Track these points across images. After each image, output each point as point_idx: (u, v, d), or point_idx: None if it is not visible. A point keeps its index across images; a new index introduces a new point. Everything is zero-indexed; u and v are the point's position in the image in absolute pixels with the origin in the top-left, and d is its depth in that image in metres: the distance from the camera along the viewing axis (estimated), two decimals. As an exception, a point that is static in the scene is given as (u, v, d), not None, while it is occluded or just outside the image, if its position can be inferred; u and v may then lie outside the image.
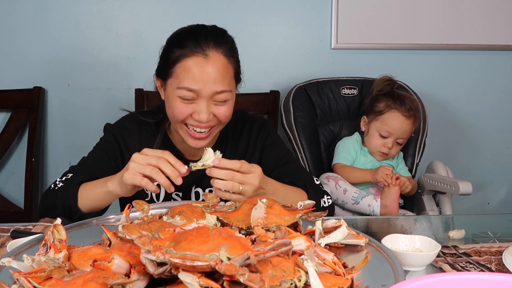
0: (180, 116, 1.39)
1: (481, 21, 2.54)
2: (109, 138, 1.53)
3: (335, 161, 2.12)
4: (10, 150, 2.41)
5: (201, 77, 1.35)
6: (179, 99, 1.38)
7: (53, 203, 1.34)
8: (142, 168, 1.16)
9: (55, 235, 0.86)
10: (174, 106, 1.39)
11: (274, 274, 0.75)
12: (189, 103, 1.38)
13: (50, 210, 1.35)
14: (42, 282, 0.76)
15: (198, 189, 1.54)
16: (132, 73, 2.44)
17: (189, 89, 1.35)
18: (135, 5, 2.40)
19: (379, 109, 2.07)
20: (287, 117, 2.22)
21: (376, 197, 1.95)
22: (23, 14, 2.35)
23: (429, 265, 1.07)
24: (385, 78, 2.14)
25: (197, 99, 1.37)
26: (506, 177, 2.73)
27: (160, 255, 0.70)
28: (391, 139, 2.06)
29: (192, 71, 1.35)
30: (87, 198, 1.31)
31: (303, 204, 1.05)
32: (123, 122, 1.57)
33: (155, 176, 1.15)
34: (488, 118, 2.66)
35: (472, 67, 2.61)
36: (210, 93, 1.36)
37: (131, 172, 1.17)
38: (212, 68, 1.36)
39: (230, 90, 1.40)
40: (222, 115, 1.40)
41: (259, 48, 2.49)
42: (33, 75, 2.38)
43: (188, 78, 1.35)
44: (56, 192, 1.35)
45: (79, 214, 1.30)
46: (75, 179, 1.36)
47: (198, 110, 1.37)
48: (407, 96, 2.10)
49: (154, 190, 1.18)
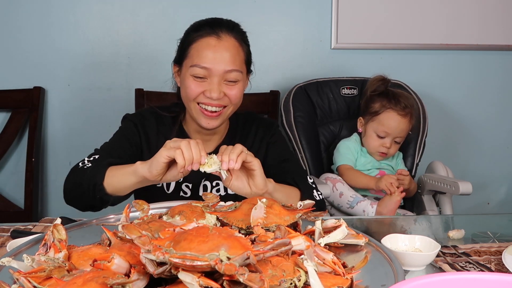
0: (193, 94, 1.45)
1: (481, 21, 2.54)
2: (129, 125, 1.57)
3: (340, 163, 2.10)
4: (10, 150, 2.41)
5: (213, 55, 1.43)
6: (192, 78, 1.45)
7: (80, 181, 1.36)
8: (176, 144, 1.21)
9: (55, 235, 0.86)
10: (187, 85, 1.46)
11: (274, 274, 0.75)
12: (201, 81, 1.44)
13: (76, 187, 1.37)
14: (42, 282, 0.76)
15: (206, 182, 1.58)
16: (132, 73, 2.44)
17: (201, 66, 1.43)
18: (135, 5, 2.40)
19: (374, 110, 2.06)
20: (287, 117, 2.22)
21: (372, 203, 1.94)
22: (23, 14, 2.35)
23: (428, 265, 1.07)
24: (378, 78, 2.12)
25: (208, 77, 1.44)
26: (506, 177, 2.73)
27: (160, 255, 0.70)
28: (389, 138, 2.05)
29: (204, 50, 1.44)
30: (113, 177, 1.33)
31: (303, 204, 1.05)
32: (142, 112, 1.64)
33: (185, 150, 1.18)
34: (488, 118, 2.66)
35: (472, 67, 2.61)
36: (221, 71, 1.43)
37: (167, 147, 1.21)
38: (223, 47, 1.44)
39: (240, 71, 1.47)
40: (233, 96, 1.47)
41: (259, 48, 2.48)
42: (33, 75, 2.38)
43: (201, 57, 1.44)
44: (84, 171, 1.37)
45: (103, 193, 1.32)
46: (104, 160, 1.38)
47: (209, 88, 1.44)
48: (401, 94, 2.08)
49: (181, 163, 1.20)
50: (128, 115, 1.62)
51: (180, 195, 1.57)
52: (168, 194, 1.56)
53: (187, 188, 1.58)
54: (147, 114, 1.62)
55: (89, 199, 1.34)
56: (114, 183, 1.33)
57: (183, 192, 1.58)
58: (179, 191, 1.57)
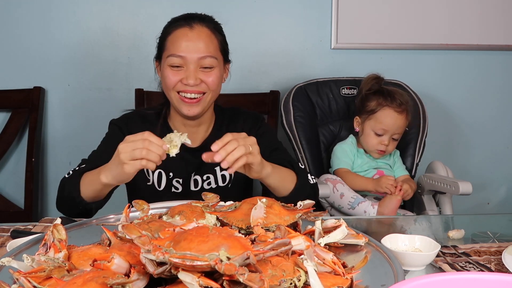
0: (171, 83, 1.52)
1: (482, 21, 2.54)
2: (114, 130, 1.61)
3: (337, 166, 2.11)
4: (10, 150, 2.41)
5: (186, 44, 1.50)
6: (169, 68, 1.52)
7: (61, 195, 1.44)
8: (133, 154, 1.21)
9: (55, 235, 0.86)
10: (166, 75, 1.53)
11: (274, 274, 0.75)
12: (178, 70, 1.51)
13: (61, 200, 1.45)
14: (42, 282, 0.76)
15: (197, 177, 1.61)
16: (132, 73, 2.44)
17: (177, 55, 1.50)
18: (135, 5, 2.40)
19: (370, 108, 2.07)
20: (287, 117, 2.22)
21: (373, 203, 1.95)
22: (23, 14, 2.35)
23: (428, 265, 1.07)
24: (372, 77, 2.13)
25: (185, 65, 1.51)
26: (506, 177, 2.73)
27: (159, 255, 0.70)
28: (387, 136, 2.06)
29: (179, 40, 1.51)
30: (88, 189, 1.38)
31: (303, 204, 1.05)
32: (127, 114, 1.68)
33: (148, 156, 1.21)
34: (488, 118, 2.66)
35: (472, 67, 2.61)
36: (195, 58, 1.50)
37: (126, 161, 1.22)
38: (196, 36, 1.52)
39: (215, 57, 1.52)
40: (211, 82, 1.52)
41: (259, 48, 2.49)
42: (33, 75, 2.38)
43: (175, 46, 1.51)
44: (65, 184, 1.43)
45: (83, 204, 1.38)
46: (78, 170, 1.43)
47: (186, 75, 1.50)
48: (396, 91, 2.09)
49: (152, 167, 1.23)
50: (113, 120, 1.66)
51: (172, 191, 1.60)
52: (159, 191, 1.59)
53: (177, 183, 1.60)
54: (132, 115, 1.66)
55: (75, 209, 1.40)
56: (90, 195, 1.38)
57: (174, 188, 1.60)
58: (171, 187, 1.60)
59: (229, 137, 1.24)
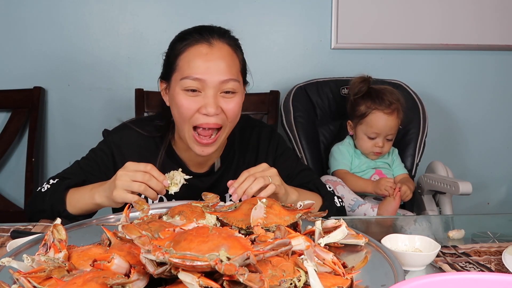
0: (187, 112, 1.28)
1: (479, 21, 2.54)
2: (103, 148, 1.47)
3: (335, 167, 2.10)
4: (10, 150, 2.41)
5: (206, 65, 1.26)
6: (183, 93, 1.28)
7: (41, 208, 1.35)
8: (130, 186, 1.15)
9: (55, 235, 0.86)
10: (180, 102, 1.29)
11: (274, 274, 0.75)
12: (194, 95, 1.28)
13: (38, 214, 1.36)
14: (42, 282, 0.76)
15: None
16: (132, 73, 2.44)
17: (194, 78, 1.26)
18: (135, 5, 2.40)
19: (361, 113, 2.04)
20: (287, 117, 2.22)
21: (373, 206, 1.95)
22: (23, 14, 2.35)
23: (428, 265, 1.07)
24: (359, 80, 2.09)
25: (202, 90, 1.28)
26: (506, 177, 2.73)
27: (160, 255, 0.70)
28: (380, 138, 2.04)
29: (195, 59, 1.27)
30: (76, 206, 1.31)
31: (303, 204, 1.05)
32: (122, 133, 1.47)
33: (144, 192, 1.15)
34: (488, 118, 2.66)
35: (472, 67, 2.61)
36: (217, 81, 1.27)
37: (120, 190, 1.16)
38: (217, 55, 1.28)
39: (237, 80, 1.31)
40: (231, 111, 1.30)
41: (259, 48, 2.49)
42: (33, 75, 2.38)
43: (192, 67, 1.27)
44: (43, 197, 1.35)
45: (70, 217, 1.31)
46: (62, 184, 1.35)
47: (205, 103, 1.27)
48: (384, 90, 2.05)
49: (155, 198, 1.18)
50: (107, 133, 1.49)
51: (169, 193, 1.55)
52: None
53: None
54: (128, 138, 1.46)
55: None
56: (79, 211, 1.31)
57: None
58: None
59: (244, 175, 1.16)
